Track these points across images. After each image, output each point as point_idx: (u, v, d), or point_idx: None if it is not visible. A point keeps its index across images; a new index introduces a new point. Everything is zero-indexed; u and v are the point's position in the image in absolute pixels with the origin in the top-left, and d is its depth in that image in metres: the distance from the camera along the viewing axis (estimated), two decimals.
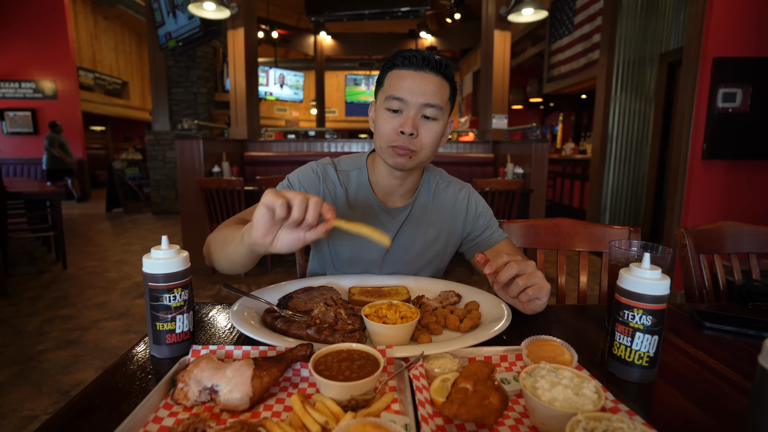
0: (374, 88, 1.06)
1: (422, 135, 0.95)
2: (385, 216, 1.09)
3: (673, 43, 4.46)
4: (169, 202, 7.46)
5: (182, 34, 5.94)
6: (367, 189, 1.09)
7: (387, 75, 0.98)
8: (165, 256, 0.67)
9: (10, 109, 8.70)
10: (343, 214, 1.07)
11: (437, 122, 0.96)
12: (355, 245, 1.08)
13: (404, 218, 1.10)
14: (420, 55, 0.93)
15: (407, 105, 0.93)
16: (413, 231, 1.11)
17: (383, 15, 6.06)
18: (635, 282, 0.62)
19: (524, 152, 4.30)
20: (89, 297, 3.29)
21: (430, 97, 0.93)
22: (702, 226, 1.31)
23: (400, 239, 1.10)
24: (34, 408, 1.88)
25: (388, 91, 0.95)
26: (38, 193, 3.93)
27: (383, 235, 0.71)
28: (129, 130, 14.55)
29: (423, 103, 0.93)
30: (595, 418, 0.46)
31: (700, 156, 3.05)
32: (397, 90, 0.93)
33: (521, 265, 0.75)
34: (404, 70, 0.94)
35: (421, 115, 0.94)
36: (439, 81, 0.94)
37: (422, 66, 0.93)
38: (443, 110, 0.96)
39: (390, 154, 0.97)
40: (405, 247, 1.11)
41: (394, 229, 1.09)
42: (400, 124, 0.93)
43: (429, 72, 0.93)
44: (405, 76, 0.94)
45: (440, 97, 0.94)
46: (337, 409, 0.52)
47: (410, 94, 0.93)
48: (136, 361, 0.68)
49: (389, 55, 0.99)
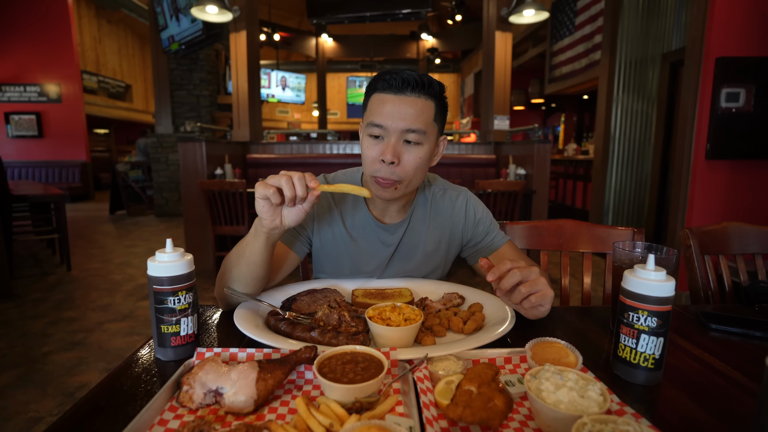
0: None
1: (405, 161, 0.91)
2: (382, 233, 1.07)
3: (675, 43, 4.44)
4: (172, 204, 7.48)
5: (185, 38, 5.96)
6: (362, 207, 1.07)
7: (370, 99, 0.95)
8: (170, 259, 0.67)
9: (15, 113, 8.76)
10: (340, 233, 1.07)
11: (421, 147, 0.92)
12: (355, 260, 1.08)
13: (402, 233, 1.08)
14: (399, 76, 0.89)
15: (387, 131, 0.90)
16: (412, 245, 1.09)
17: (384, 17, 6.07)
18: (640, 283, 0.62)
19: (526, 153, 4.29)
20: (93, 299, 3.30)
21: (411, 122, 0.89)
22: (707, 227, 1.30)
23: (399, 254, 1.09)
24: (39, 410, 1.89)
25: (369, 117, 0.93)
26: (43, 195, 3.95)
27: (362, 189, 0.79)
28: (132, 132, 14.61)
29: (403, 129, 0.89)
30: (601, 421, 0.46)
31: (703, 156, 3.04)
32: (377, 116, 0.90)
33: (524, 272, 0.73)
34: (384, 93, 0.91)
35: (404, 140, 0.91)
36: (421, 102, 0.90)
37: (402, 89, 0.89)
38: (426, 134, 0.91)
39: (375, 187, 0.95)
40: (405, 261, 1.09)
41: (393, 245, 1.08)
42: (380, 152, 0.90)
43: (410, 94, 0.90)
44: (385, 101, 0.90)
45: (423, 120, 0.90)
46: (341, 412, 0.52)
47: (390, 119, 0.89)
48: (141, 364, 0.68)
49: (372, 79, 0.96)
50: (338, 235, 1.07)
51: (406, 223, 1.09)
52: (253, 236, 0.82)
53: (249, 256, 0.83)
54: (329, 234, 1.07)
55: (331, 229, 1.07)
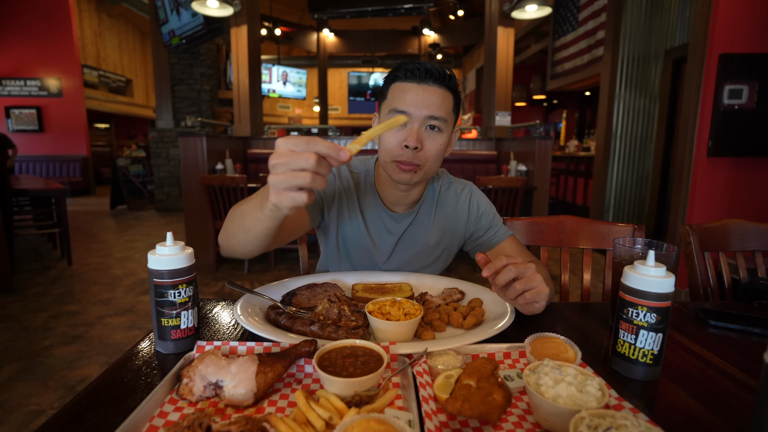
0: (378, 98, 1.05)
1: (427, 148, 0.94)
2: (390, 221, 1.10)
3: (678, 40, 4.42)
4: (172, 199, 7.49)
5: (186, 32, 5.95)
6: (373, 193, 1.10)
7: (390, 87, 0.97)
8: (170, 252, 0.67)
9: (16, 107, 8.76)
10: (354, 213, 1.08)
11: (442, 134, 0.95)
12: (365, 242, 1.09)
13: (408, 223, 1.11)
14: (423, 67, 0.92)
15: (411, 118, 0.93)
16: (417, 235, 1.11)
17: (386, 12, 6.05)
18: (640, 279, 0.62)
19: (527, 149, 4.28)
20: (94, 293, 3.31)
21: (434, 109, 0.92)
22: (707, 224, 1.30)
23: (403, 243, 1.11)
24: (41, 403, 1.90)
25: (392, 104, 0.95)
26: (43, 190, 3.95)
27: (397, 119, 0.65)
28: (133, 127, 14.60)
29: (427, 116, 0.92)
30: (599, 415, 0.46)
31: (705, 153, 3.03)
32: (401, 103, 0.93)
33: (520, 268, 0.73)
34: (407, 82, 0.94)
35: (426, 126, 0.94)
36: (442, 93, 0.94)
37: (425, 78, 0.92)
38: (447, 122, 0.95)
39: (394, 170, 0.97)
40: (408, 251, 1.12)
41: (398, 233, 1.10)
42: (404, 138, 0.93)
43: (432, 84, 0.93)
44: (408, 89, 0.93)
45: (444, 108, 0.94)
46: (341, 405, 0.52)
47: (414, 106, 0.92)
48: (142, 357, 0.68)
49: (391, 70, 0.98)
50: (353, 213, 1.09)
51: (413, 214, 1.11)
52: (259, 210, 0.68)
53: (256, 229, 0.73)
54: (345, 212, 1.09)
55: (347, 206, 1.08)
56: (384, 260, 1.11)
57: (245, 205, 0.77)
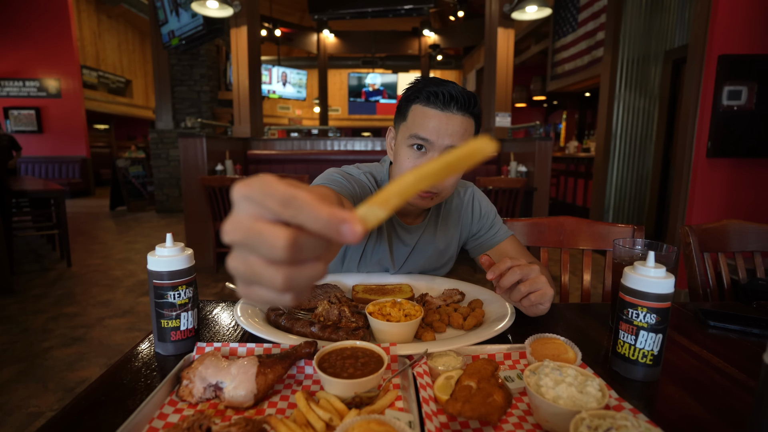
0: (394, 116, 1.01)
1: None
2: (402, 231, 1.09)
3: (678, 41, 4.43)
4: (172, 200, 7.48)
5: (185, 33, 5.95)
6: None
7: (410, 109, 0.94)
8: (170, 253, 0.67)
9: (15, 108, 8.75)
10: (381, 232, 1.02)
11: None
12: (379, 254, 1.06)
13: (420, 234, 1.10)
14: (447, 92, 0.89)
15: (432, 146, 0.90)
16: (427, 243, 1.11)
17: (386, 13, 6.06)
18: (640, 280, 0.62)
19: (527, 150, 4.28)
20: (94, 295, 3.31)
21: (457, 139, 0.89)
22: (706, 225, 1.30)
23: (416, 252, 1.11)
24: (40, 405, 1.89)
25: (412, 129, 0.92)
26: (42, 191, 3.95)
27: (484, 144, 0.37)
28: (132, 128, 14.59)
29: (449, 145, 0.89)
30: (599, 416, 0.46)
31: (704, 154, 3.03)
32: (422, 130, 0.90)
33: (524, 270, 0.73)
34: (429, 108, 0.90)
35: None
36: (466, 122, 0.91)
37: (449, 105, 0.89)
38: None
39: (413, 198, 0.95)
40: (420, 258, 1.12)
41: (411, 244, 1.09)
42: None
43: (456, 112, 0.89)
44: (431, 116, 0.90)
45: (466, 138, 0.90)
46: (341, 407, 0.52)
47: (436, 135, 0.89)
48: (141, 358, 0.68)
49: (413, 86, 0.94)
50: (381, 230, 1.06)
51: (424, 225, 1.11)
52: None
53: None
54: (374, 230, 1.05)
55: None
56: (396, 269, 1.11)
57: None
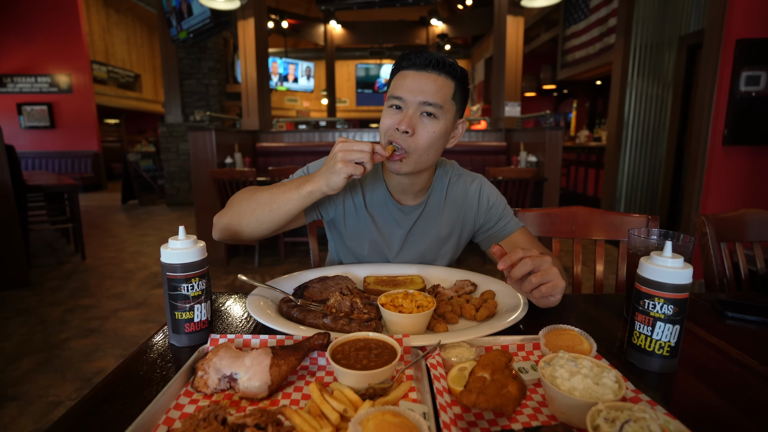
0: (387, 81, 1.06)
1: (419, 134, 0.93)
2: (398, 213, 1.09)
3: (693, 25, 4.31)
4: (183, 193, 7.55)
5: (193, 26, 5.95)
6: (382, 186, 1.09)
7: (394, 77, 1.00)
8: (183, 246, 0.68)
9: (27, 104, 8.87)
10: (360, 207, 1.09)
11: (437, 121, 0.94)
12: (373, 236, 1.09)
13: (417, 216, 1.10)
14: (424, 55, 0.94)
15: (406, 103, 0.94)
16: (426, 228, 1.11)
17: (393, 2, 6.00)
18: (656, 271, 0.61)
19: (537, 140, 4.23)
20: (108, 287, 3.37)
21: (429, 95, 0.92)
22: (724, 214, 1.27)
23: (413, 236, 1.11)
24: (59, 394, 1.94)
25: (391, 91, 0.97)
26: (56, 185, 4.01)
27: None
28: (142, 122, 14.71)
29: (422, 101, 0.92)
30: (617, 408, 0.45)
31: (720, 142, 2.97)
32: (398, 89, 0.95)
33: (536, 261, 0.73)
34: (408, 70, 0.96)
35: (422, 113, 0.94)
36: (441, 80, 0.94)
37: (425, 66, 0.94)
38: (443, 109, 0.94)
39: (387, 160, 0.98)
40: (418, 243, 1.11)
41: (407, 227, 1.10)
42: (397, 121, 0.94)
43: (431, 71, 0.94)
44: (407, 76, 0.95)
45: (441, 95, 0.93)
46: (355, 398, 0.52)
47: (409, 92, 0.93)
48: (156, 350, 0.69)
49: (398, 58, 1.00)
50: (359, 208, 1.09)
51: (422, 206, 1.10)
52: (296, 191, 0.87)
53: (282, 206, 0.89)
54: (351, 206, 1.09)
55: (352, 201, 1.09)
56: (394, 254, 1.11)
57: (270, 190, 0.92)
